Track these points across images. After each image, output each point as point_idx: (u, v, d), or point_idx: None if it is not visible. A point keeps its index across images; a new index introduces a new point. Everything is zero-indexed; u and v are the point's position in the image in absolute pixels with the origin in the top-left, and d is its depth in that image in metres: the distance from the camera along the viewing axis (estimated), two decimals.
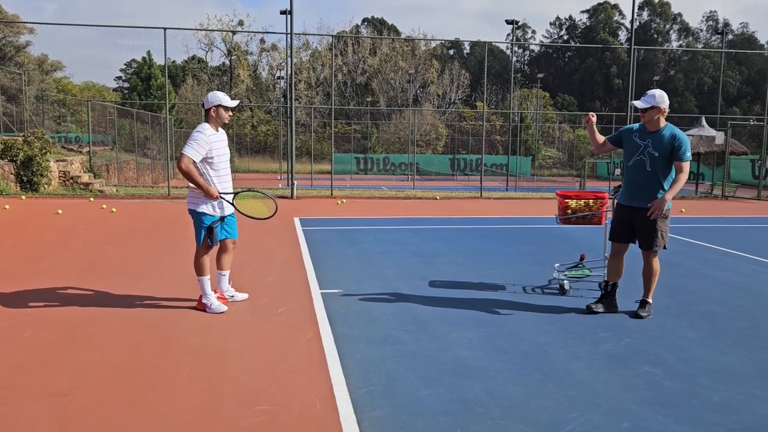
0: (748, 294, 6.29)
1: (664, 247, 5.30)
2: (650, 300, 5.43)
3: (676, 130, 5.19)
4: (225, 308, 5.28)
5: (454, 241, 9.47)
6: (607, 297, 5.53)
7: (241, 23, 54.38)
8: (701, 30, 79.37)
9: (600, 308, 5.46)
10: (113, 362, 4.07)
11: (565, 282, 6.17)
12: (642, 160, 5.24)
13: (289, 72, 18.49)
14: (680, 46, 78.06)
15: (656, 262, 5.36)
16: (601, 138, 5.60)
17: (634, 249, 5.45)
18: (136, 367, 4.00)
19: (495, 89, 55.97)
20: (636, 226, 5.30)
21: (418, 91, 53.52)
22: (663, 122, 5.24)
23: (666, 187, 5.19)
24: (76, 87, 45.39)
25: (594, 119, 5.52)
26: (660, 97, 5.18)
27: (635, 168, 5.29)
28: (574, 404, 3.55)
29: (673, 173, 5.23)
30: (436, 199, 17.82)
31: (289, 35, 18.35)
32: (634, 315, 5.36)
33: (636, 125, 5.44)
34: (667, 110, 5.23)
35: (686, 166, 5.16)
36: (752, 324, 5.21)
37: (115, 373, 3.89)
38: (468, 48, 79.26)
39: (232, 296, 5.61)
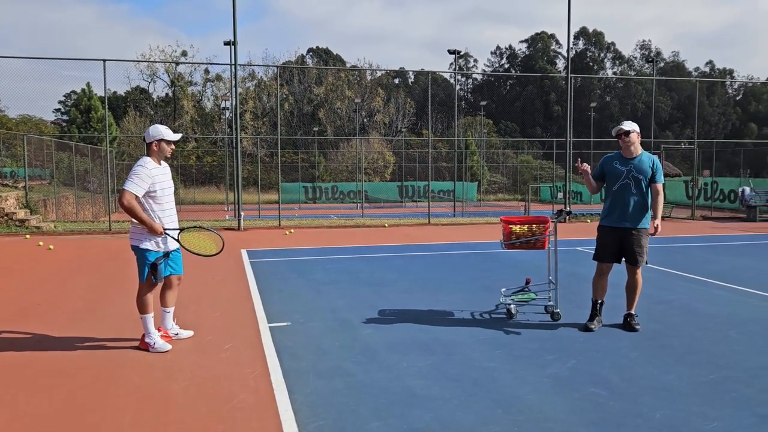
0: (684, 312, 6.53)
1: (646, 262, 5.78)
2: (634, 312, 5.86)
3: (653, 156, 5.79)
4: (169, 347, 5.14)
5: (403, 269, 9.52)
6: (598, 314, 5.89)
7: (184, 54, 53.91)
8: (635, 58, 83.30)
9: (594, 325, 5.80)
10: (51, 408, 3.89)
11: (512, 306, 6.27)
12: (627, 184, 5.69)
13: (234, 103, 18.40)
14: (615, 73, 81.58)
15: (640, 276, 5.83)
16: (593, 182, 5.93)
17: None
18: (75, 412, 3.84)
19: (440, 117, 57.07)
20: (625, 245, 5.72)
21: (365, 120, 54.05)
22: (640, 149, 5.78)
23: (648, 206, 5.71)
24: (11, 121, 43.84)
25: (588, 168, 5.80)
26: (636, 125, 5.80)
27: (621, 192, 5.72)
28: (523, 429, 3.58)
29: (649, 193, 5.72)
30: (385, 226, 17.90)
31: (233, 66, 18.29)
32: (629, 328, 5.73)
33: (612, 154, 5.93)
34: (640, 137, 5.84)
35: (662, 187, 5.76)
36: (689, 342, 5.40)
37: (53, 420, 3.72)
38: (413, 77, 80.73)
39: (177, 334, 5.46)
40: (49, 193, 21.11)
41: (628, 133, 5.69)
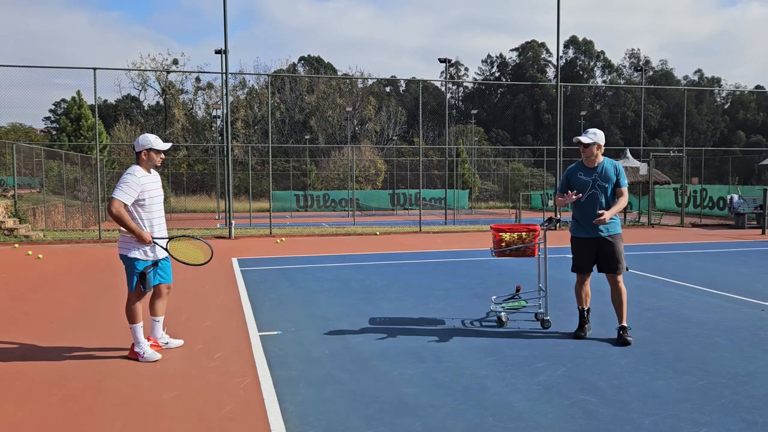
0: (673, 319, 6.56)
1: (626, 269, 5.73)
2: (626, 323, 5.70)
3: (614, 162, 5.79)
4: (159, 356, 5.12)
5: (394, 277, 9.52)
6: (586, 321, 5.87)
7: (175, 62, 53.88)
8: (624, 66, 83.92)
9: (584, 333, 5.80)
10: (39, 420, 3.86)
11: (503, 314, 6.28)
12: (594, 193, 5.70)
13: (225, 111, 18.39)
14: (604, 82, 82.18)
15: (623, 285, 5.74)
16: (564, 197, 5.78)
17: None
18: (63, 423, 3.81)
19: (431, 125, 57.20)
20: (601, 254, 5.70)
21: (357, 128, 54.15)
22: (601, 157, 5.77)
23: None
24: (1, 129, 43.60)
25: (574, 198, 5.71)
26: (601, 135, 5.76)
27: (590, 202, 5.70)
28: None
29: (614, 198, 5.77)
30: (377, 234, 17.90)
31: (224, 74, 18.29)
32: (623, 343, 5.54)
33: (575, 165, 5.92)
34: (603, 147, 5.78)
35: (626, 190, 5.78)
36: (679, 348, 5.43)
37: (41, 430, 3.69)
38: (404, 85, 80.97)
39: (167, 343, 5.44)
40: (38, 201, 20.98)
41: (586, 146, 5.67)
